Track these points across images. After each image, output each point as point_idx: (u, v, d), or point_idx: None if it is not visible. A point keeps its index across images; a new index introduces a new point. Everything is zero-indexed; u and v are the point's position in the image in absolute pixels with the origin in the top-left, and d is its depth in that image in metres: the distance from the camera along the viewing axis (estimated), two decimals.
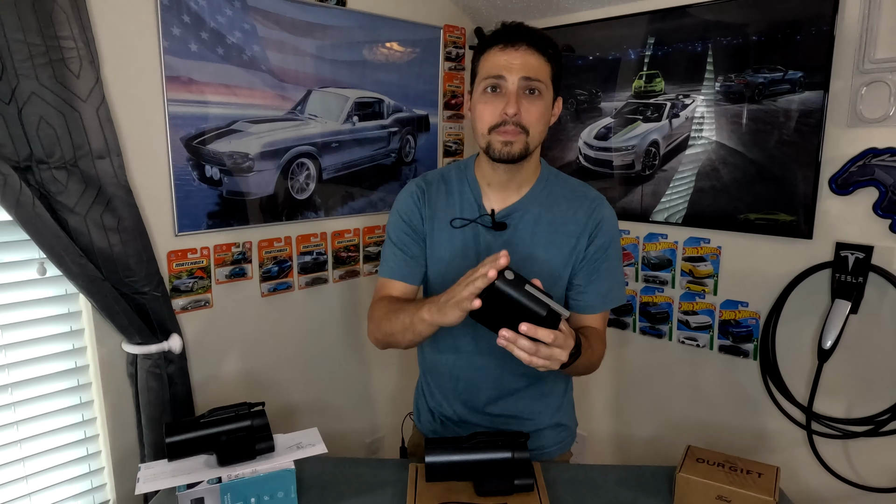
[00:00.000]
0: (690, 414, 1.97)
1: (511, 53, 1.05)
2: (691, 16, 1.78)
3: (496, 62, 1.06)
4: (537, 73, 1.05)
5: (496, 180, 1.15)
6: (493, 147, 1.08)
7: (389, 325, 1.11)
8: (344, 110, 1.90)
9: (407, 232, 1.20)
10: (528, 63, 1.04)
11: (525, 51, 1.05)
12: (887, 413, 1.55)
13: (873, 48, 1.48)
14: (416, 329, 1.04)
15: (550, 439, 1.28)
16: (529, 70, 1.04)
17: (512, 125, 1.05)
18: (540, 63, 1.06)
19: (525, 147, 1.07)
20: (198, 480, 1.03)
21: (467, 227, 1.16)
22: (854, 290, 1.55)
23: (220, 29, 1.58)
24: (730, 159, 1.75)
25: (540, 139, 1.10)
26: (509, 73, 1.04)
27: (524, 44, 1.05)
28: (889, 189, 1.49)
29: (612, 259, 1.17)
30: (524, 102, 1.05)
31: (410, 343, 1.11)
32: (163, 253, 1.56)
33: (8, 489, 1.41)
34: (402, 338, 1.10)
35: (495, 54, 1.06)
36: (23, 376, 1.42)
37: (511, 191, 1.16)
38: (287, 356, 1.90)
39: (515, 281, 0.90)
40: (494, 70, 1.06)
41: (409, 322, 1.05)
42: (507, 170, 1.12)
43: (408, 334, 1.07)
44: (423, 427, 1.34)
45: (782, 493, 1.11)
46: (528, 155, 1.10)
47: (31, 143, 1.25)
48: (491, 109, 1.06)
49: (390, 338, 1.13)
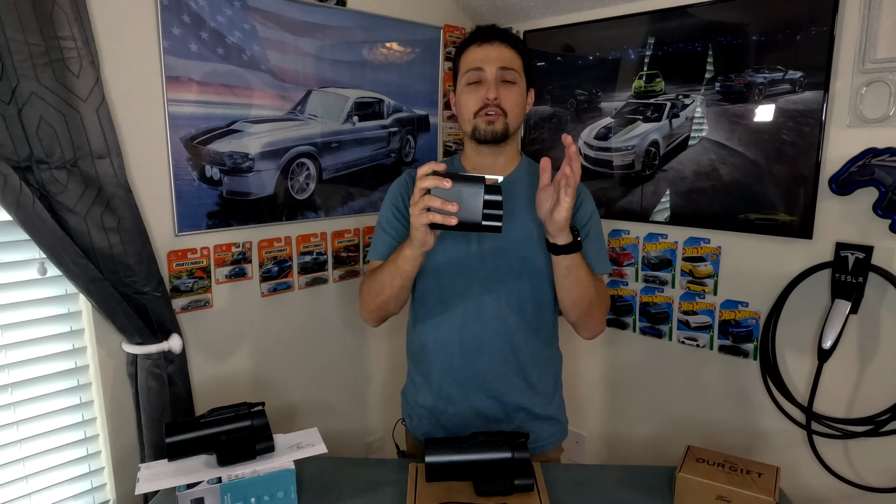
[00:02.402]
0: (690, 414, 1.97)
1: (487, 48, 1.19)
2: (691, 16, 1.78)
3: (475, 56, 1.19)
4: (511, 63, 1.19)
5: (481, 164, 1.26)
6: (478, 128, 1.19)
7: (377, 283, 1.18)
8: (344, 110, 1.90)
9: (396, 216, 1.27)
10: (503, 55, 1.18)
11: (499, 45, 1.19)
12: (887, 413, 1.55)
13: (873, 48, 1.48)
14: (402, 269, 1.10)
15: (545, 432, 1.29)
16: (505, 61, 1.18)
17: (493, 107, 1.17)
18: (513, 55, 1.20)
19: (505, 127, 1.19)
20: (198, 480, 1.03)
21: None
22: (854, 290, 1.55)
23: (220, 29, 1.58)
24: (730, 159, 1.75)
25: (517, 122, 1.22)
26: (486, 64, 1.18)
27: (497, 40, 1.19)
28: (889, 189, 1.49)
29: (596, 226, 1.26)
30: (502, 89, 1.18)
31: (401, 290, 1.16)
32: (163, 253, 1.56)
33: (8, 489, 1.41)
34: (392, 287, 1.15)
35: (473, 51, 1.20)
36: (23, 376, 1.41)
37: (496, 172, 1.25)
38: (287, 356, 1.90)
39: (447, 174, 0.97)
40: (474, 63, 1.19)
41: (393, 268, 1.12)
42: (491, 152, 1.24)
43: (395, 279, 1.13)
44: (415, 430, 1.35)
45: (782, 493, 1.11)
46: (509, 136, 1.21)
47: (31, 143, 1.25)
48: (474, 98, 1.19)
49: (381, 295, 1.18)
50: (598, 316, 1.23)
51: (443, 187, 0.95)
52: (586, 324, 1.23)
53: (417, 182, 0.98)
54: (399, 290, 1.15)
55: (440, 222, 0.97)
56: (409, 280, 1.14)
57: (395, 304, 1.20)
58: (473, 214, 0.96)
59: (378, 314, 1.24)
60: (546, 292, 1.24)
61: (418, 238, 1.02)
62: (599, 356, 2.17)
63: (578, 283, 1.14)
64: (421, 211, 0.98)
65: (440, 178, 0.96)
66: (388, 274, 1.14)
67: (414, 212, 0.99)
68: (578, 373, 2.21)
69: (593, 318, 1.22)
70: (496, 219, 0.97)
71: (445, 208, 0.95)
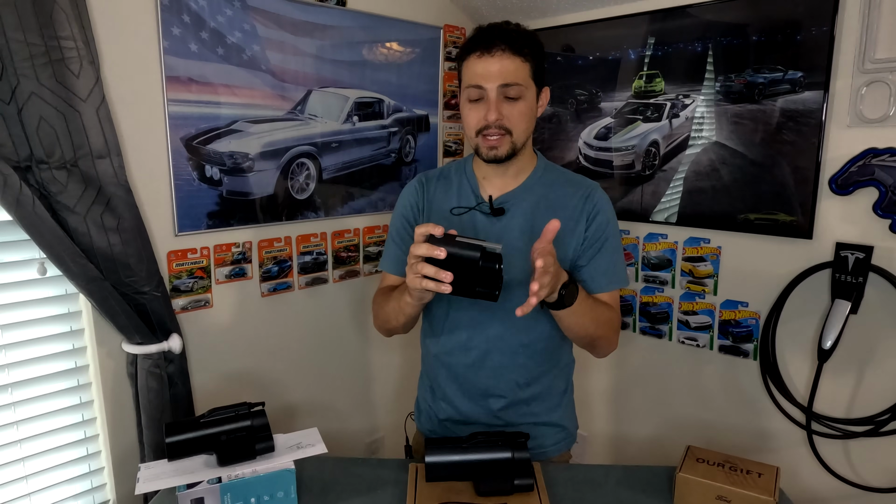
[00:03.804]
0: (690, 414, 1.97)
1: (487, 61, 1.08)
2: (691, 16, 1.78)
3: (475, 71, 1.10)
4: (515, 78, 1.09)
5: (491, 173, 1.21)
6: (481, 150, 1.15)
7: (384, 312, 1.21)
8: (344, 110, 1.90)
9: (405, 226, 1.26)
10: (504, 69, 1.08)
11: (501, 56, 1.08)
12: (887, 413, 1.55)
13: (873, 48, 1.48)
14: (405, 311, 1.12)
15: (549, 438, 1.28)
16: (507, 76, 1.08)
17: (495, 129, 1.11)
18: (517, 66, 1.09)
19: (511, 147, 1.13)
20: (198, 480, 1.03)
21: (465, 216, 1.20)
22: (854, 290, 1.55)
23: (220, 29, 1.58)
24: (730, 159, 1.75)
25: (526, 135, 1.15)
26: (487, 81, 1.09)
27: (500, 48, 1.08)
28: (889, 189, 1.49)
29: (612, 238, 1.20)
30: (505, 107, 1.10)
31: (406, 323, 1.19)
32: (163, 253, 1.56)
33: (8, 489, 1.41)
34: (397, 321, 1.18)
35: (473, 63, 1.10)
36: (23, 376, 1.41)
37: (508, 179, 1.21)
38: (287, 356, 1.90)
39: (444, 240, 0.95)
40: (474, 80, 1.10)
41: (397, 306, 1.14)
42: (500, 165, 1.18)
43: (400, 317, 1.15)
44: (423, 426, 1.35)
45: (782, 493, 1.11)
46: (517, 153, 1.15)
47: (31, 143, 1.25)
48: (475, 115, 1.12)
49: (387, 323, 1.22)
50: (604, 345, 1.20)
51: (436, 257, 0.93)
52: (592, 352, 1.23)
53: (412, 248, 0.97)
54: (404, 324, 1.18)
55: (433, 289, 0.96)
56: (414, 319, 1.17)
57: (402, 331, 1.23)
58: (469, 283, 0.94)
59: (388, 334, 1.29)
60: None
61: (415, 295, 1.03)
62: None
63: (569, 329, 1.13)
64: (415, 275, 0.96)
65: (433, 247, 0.94)
66: (393, 311, 1.16)
67: (409, 273, 0.98)
68: (578, 373, 2.20)
69: (598, 348, 1.20)
70: (492, 286, 0.94)
71: (439, 277, 0.94)
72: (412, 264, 0.97)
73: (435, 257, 0.93)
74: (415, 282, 0.97)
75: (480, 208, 1.19)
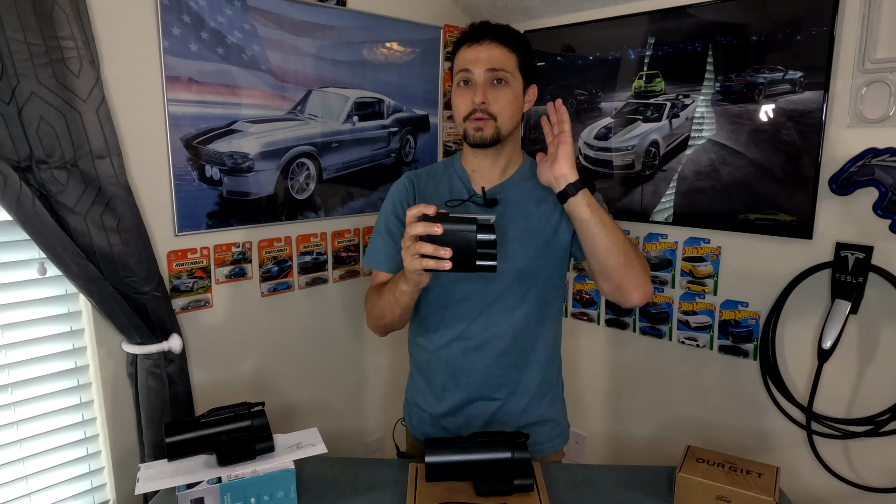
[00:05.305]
0: (690, 414, 1.97)
1: (476, 49, 1.15)
2: (691, 16, 1.78)
3: (465, 58, 1.16)
4: (502, 64, 1.14)
5: (479, 166, 1.24)
6: (468, 133, 1.17)
7: (378, 308, 1.20)
8: (344, 110, 1.90)
9: (395, 224, 1.26)
10: (492, 56, 1.14)
11: (489, 45, 1.15)
12: (887, 413, 1.55)
13: (873, 48, 1.48)
14: (401, 301, 1.12)
15: (543, 435, 1.28)
16: (494, 62, 1.14)
17: (480, 112, 1.14)
18: (504, 54, 1.15)
19: (495, 132, 1.16)
20: (198, 480, 1.03)
21: (459, 208, 1.22)
22: (854, 291, 1.55)
23: (221, 29, 1.58)
24: (730, 159, 1.75)
25: (511, 124, 1.18)
26: (475, 66, 1.14)
27: (488, 39, 1.15)
28: (889, 189, 1.49)
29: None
30: (491, 92, 1.14)
31: (402, 316, 1.18)
32: (163, 253, 1.56)
33: (8, 489, 1.41)
34: (392, 314, 1.17)
35: (464, 52, 1.17)
36: (23, 376, 1.41)
37: (496, 173, 1.24)
38: (287, 356, 1.90)
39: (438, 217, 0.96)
40: (463, 65, 1.16)
41: (392, 298, 1.14)
42: (487, 154, 1.21)
43: (396, 308, 1.15)
44: (415, 430, 1.35)
45: (782, 493, 1.11)
46: (501, 139, 1.18)
47: (31, 143, 1.25)
48: (463, 101, 1.16)
49: (382, 318, 1.20)
50: (640, 267, 1.13)
51: (434, 233, 0.94)
52: (628, 279, 1.12)
53: (407, 228, 0.97)
54: (401, 316, 1.17)
55: (433, 268, 0.96)
56: (410, 308, 1.16)
57: (398, 324, 1.22)
58: (467, 257, 0.95)
59: (383, 331, 1.26)
60: (549, 296, 1.23)
61: (413, 280, 1.03)
62: (599, 356, 2.17)
63: (595, 247, 1.10)
64: (413, 257, 0.97)
65: (430, 224, 0.94)
66: (388, 303, 1.16)
67: (406, 256, 0.98)
68: (578, 373, 2.21)
69: (634, 269, 1.12)
70: (490, 258, 0.95)
71: (438, 254, 0.95)
72: (409, 246, 0.97)
73: (433, 234, 0.94)
74: (413, 263, 0.97)
75: (474, 200, 1.22)
